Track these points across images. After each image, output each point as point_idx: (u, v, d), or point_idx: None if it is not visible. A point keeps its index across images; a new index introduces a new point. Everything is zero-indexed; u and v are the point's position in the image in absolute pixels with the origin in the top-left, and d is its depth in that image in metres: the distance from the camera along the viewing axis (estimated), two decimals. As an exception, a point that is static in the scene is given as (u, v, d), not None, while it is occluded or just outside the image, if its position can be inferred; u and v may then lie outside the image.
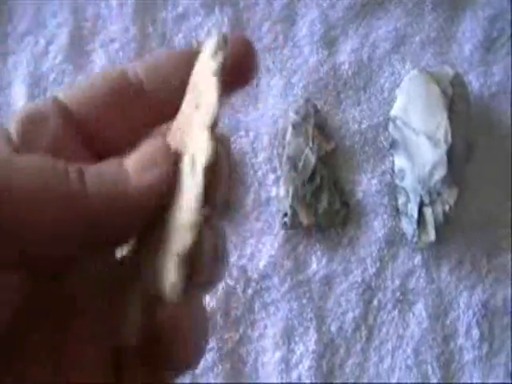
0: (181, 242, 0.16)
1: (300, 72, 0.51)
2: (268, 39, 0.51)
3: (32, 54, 0.50)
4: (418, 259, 0.48)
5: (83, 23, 0.51)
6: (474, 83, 0.51)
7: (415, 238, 0.47)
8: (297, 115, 0.49)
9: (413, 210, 0.47)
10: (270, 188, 0.48)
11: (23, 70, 0.50)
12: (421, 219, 0.47)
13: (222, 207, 0.48)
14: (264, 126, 0.49)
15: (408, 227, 0.48)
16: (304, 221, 0.47)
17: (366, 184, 0.49)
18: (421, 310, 0.47)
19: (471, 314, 0.47)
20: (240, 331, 0.46)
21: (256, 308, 0.46)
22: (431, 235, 0.47)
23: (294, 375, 0.45)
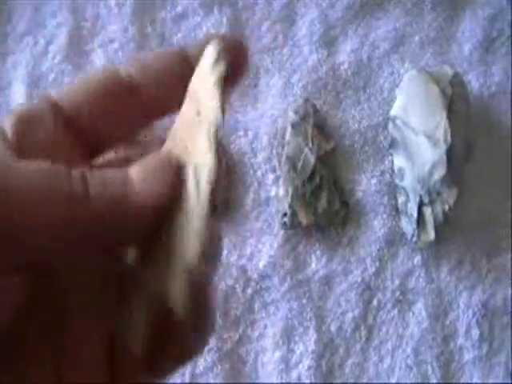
0: (188, 263, 0.17)
1: (299, 72, 0.51)
2: (267, 39, 0.51)
3: (31, 54, 0.50)
4: (418, 259, 0.48)
5: (82, 23, 0.51)
6: (474, 83, 0.51)
7: (415, 238, 0.47)
8: (296, 115, 0.49)
9: (412, 210, 0.47)
10: (270, 188, 0.48)
11: (22, 70, 0.50)
12: (420, 219, 0.47)
13: (222, 207, 0.47)
14: (263, 126, 0.49)
15: (407, 227, 0.48)
16: (303, 220, 0.46)
17: (366, 184, 0.49)
18: (420, 310, 0.47)
19: (471, 314, 0.47)
20: (240, 331, 0.46)
21: (256, 308, 0.46)
22: (431, 235, 0.47)
23: (294, 375, 0.45)
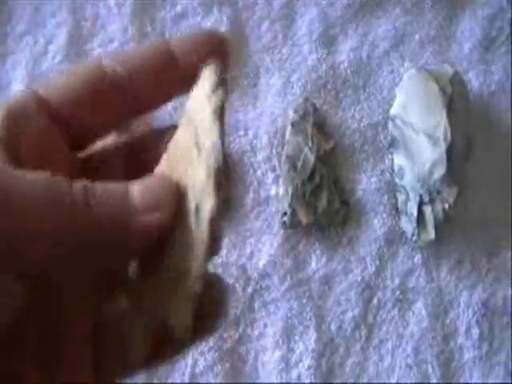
0: (190, 290, 0.17)
1: (299, 71, 0.51)
2: (267, 38, 0.51)
3: (31, 54, 0.50)
4: (418, 258, 0.48)
5: (82, 23, 0.51)
6: (474, 82, 0.51)
7: (415, 237, 0.47)
8: (296, 114, 0.49)
9: (412, 209, 0.47)
10: (270, 187, 0.48)
11: (22, 70, 0.50)
12: (420, 218, 0.47)
13: (222, 207, 0.47)
14: (263, 125, 0.49)
15: (408, 226, 0.47)
16: (303, 220, 0.46)
17: (366, 183, 0.49)
18: (420, 309, 0.47)
19: (471, 313, 0.47)
20: (240, 330, 0.46)
21: (256, 307, 0.46)
22: (431, 234, 0.47)
23: (294, 374, 0.45)
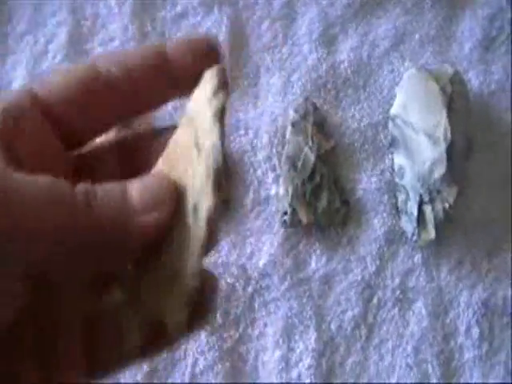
0: (186, 287, 0.17)
1: (299, 70, 0.51)
2: (267, 38, 0.51)
3: (31, 54, 0.50)
4: (418, 257, 0.48)
5: (82, 22, 0.51)
6: (474, 81, 0.51)
7: (415, 237, 0.47)
8: (296, 114, 0.49)
9: (412, 208, 0.47)
10: (270, 186, 0.48)
11: (22, 70, 0.50)
12: (420, 217, 0.47)
13: (222, 208, 0.47)
14: (263, 125, 0.49)
15: (408, 225, 0.47)
16: (304, 219, 0.46)
17: (366, 182, 0.49)
18: (421, 309, 0.47)
19: (471, 313, 0.47)
20: (240, 330, 0.46)
21: (256, 306, 0.46)
22: (431, 233, 0.47)
23: (294, 374, 0.45)
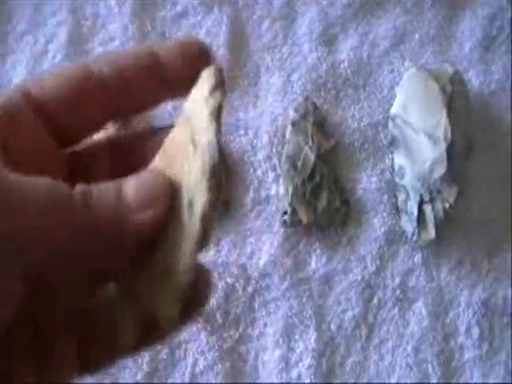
0: (179, 283, 0.18)
1: (299, 70, 0.51)
2: (267, 37, 0.51)
3: (31, 53, 0.50)
4: (418, 257, 0.48)
5: (82, 22, 0.51)
6: (474, 81, 0.51)
7: (415, 236, 0.47)
8: (296, 113, 0.49)
9: (413, 208, 0.47)
10: (270, 186, 0.48)
11: (22, 70, 0.50)
12: (421, 217, 0.47)
13: (222, 208, 0.47)
14: (263, 124, 0.49)
15: (408, 225, 0.47)
16: (304, 219, 0.46)
17: (366, 182, 0.49)
18: (421, 309, 0.47)
19: (471, 313, 0.47)
20: (240, 330, 0.46)
21: (256, 306, 0.46)
22: (431, 233, 0.47)
23: (294, 374, 0.45)
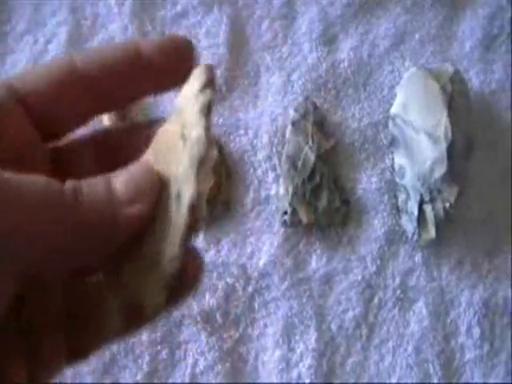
0: (164, 272, 0.18)
1: (299, 70, 0.51)
2: (267, 37, 0.51)
3: (31, 53, 0.50)
4: (419, 257, 0.48)
5: (82, 22, 0.51)
6: (474, 80, 0.51)
7: (415, 236, 0.47)
8: (296, 113, 0.49)
9: (413, 208, 0.47)
10: (270, 186, 0.48)
11: (22, 69, 0.50)
12: (421, 217, 0.47)
13: (223, 208, 0.47)
14: (263, 124, 0.49)
15: (408, 225, 0.47)
16: (304, 219, 0.46)
17: (366, 182, 0.49)
18: (421, 309, 0.47)
19: (472, 313, 0.47)
20: (240, 330, 0.46)
21: (256, 306, 0.46)
22: (431, 233, 0.47)
23: (295, 374, 0.45)
